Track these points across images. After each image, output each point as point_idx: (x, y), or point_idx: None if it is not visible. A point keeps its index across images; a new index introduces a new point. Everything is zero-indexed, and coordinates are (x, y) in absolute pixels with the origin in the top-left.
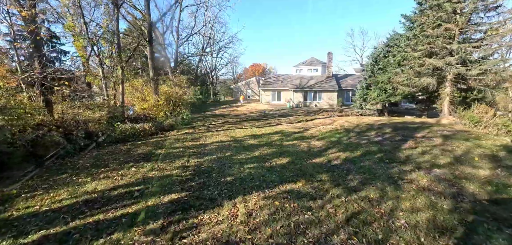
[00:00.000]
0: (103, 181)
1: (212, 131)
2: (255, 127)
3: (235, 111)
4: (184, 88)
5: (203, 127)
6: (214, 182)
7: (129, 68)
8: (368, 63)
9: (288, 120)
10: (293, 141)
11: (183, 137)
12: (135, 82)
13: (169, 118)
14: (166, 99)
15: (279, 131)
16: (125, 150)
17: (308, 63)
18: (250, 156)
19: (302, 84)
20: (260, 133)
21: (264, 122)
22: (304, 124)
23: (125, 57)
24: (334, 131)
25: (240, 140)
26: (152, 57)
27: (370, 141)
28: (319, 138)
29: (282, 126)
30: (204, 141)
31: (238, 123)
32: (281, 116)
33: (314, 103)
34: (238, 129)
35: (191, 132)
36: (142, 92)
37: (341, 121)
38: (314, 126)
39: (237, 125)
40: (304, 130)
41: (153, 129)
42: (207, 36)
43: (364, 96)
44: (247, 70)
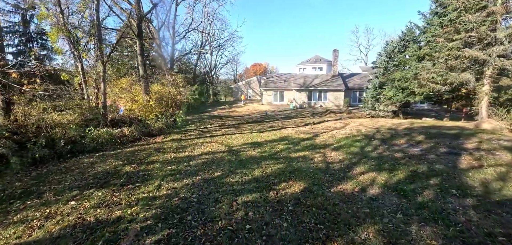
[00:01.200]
0: (10, 229)
1: (205, 136)
2: (255, 131)
3: (235, 112)
4: (180, 87)
5: (197, 131)
6: (185, 238)
7: (111, 64)
8: (380, 59)
9: (292, 122)
10: (304, 152)
11: (168, 146)
12: (123, 81)
13: (159, 120)
14: (158, 99)
15: (284, 137)
16: (84, 165)
17: (312, 61)
18: (247, 177)
19: (306, 84)
20: (262, 139)
21: (266, 125)
22: (312, 128)
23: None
24: (352, 137)
25: (236, 151)
26: (142, 53)
27: (406, 153)
28: (335, 148)
29: (287, 130)
30: (191, 152)
31: (236, 126)
32: (285, 118)
33: (319, 103)
34: (235, 134)
35: (179, 139)
36: (131, 92)
37: (354, 124)
38: (324, 130)
39: (235, 129)
40: (314, 136)
41: (135, 135)
42: (206, 32)
43: (377, 96)
44: (248, 69)
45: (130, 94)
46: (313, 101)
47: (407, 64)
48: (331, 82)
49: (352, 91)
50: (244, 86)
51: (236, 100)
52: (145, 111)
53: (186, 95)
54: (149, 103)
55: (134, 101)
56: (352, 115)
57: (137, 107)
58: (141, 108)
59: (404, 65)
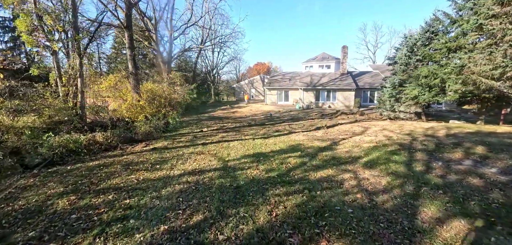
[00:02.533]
0: None
1: (197, 144)
2: (259, 137)
3: (236, 113)
4: (177, 85)
5: (189, 136)
6: None
7: (87, 58)
8: (400, 54)
9: (301, 125)
10: (327, 171)
11: (145, 158)
12: (110, 78)
13: (149, 123)
14: (150, 99)
15: (295, 145)
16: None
17: (319, 59)
18: (246, 228)
19: (313, 82)
20: (267, 149)
21: (271, 128)
22: (326, 132)
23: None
24: (383, 147)
25: (233, 168)
26: (131, 46)
27: (486, 178)
28: (367, 163)
29: (296, 135)
30: (171, 171)
31: (237, 130)
32: (291, 120)
33: (328, 103)
34: (234, 142)
35: (164, 147)
36: (120, 90)
37: (376, 128)
38: (342, 136)
39: (235, 134)
40: (333, 144)
41: (113, 141)
42: (207, 28)
43: (396, 95)
44: (251, 69)
45: (119, 93)
46: (321, 101)
47: (434, 58)
48: (340, 81)
49: (363, 91)
50: (246, 85)
51: (239, 100)
52: (134, 112)
53: (184, 94)
54: (139, 103)
55: (125, 101)
56: (366, 116)
57: (125, 107)
58: (129, 108)
59: (429, 59)
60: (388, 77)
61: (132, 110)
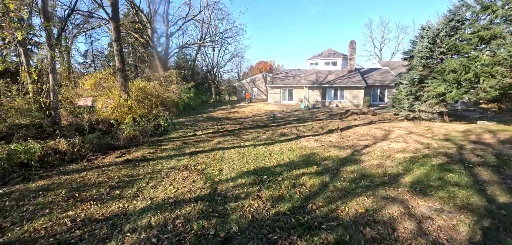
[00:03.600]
0: None
1: (183, 153)
2: (261, 142)
3: (237, 113)
4: (173, 84)
5: (179, 141)
6: None
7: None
8: (420, 46)
9: (310, 127)
10: (362, 200)
11: (106, 177)
12: (96, 76)
13: (135, 125)
14: (140, 98)
15: (307, 154)
16: None
17: (325, 56)
18: None
19: (319, 80)
20: (273, 162)
21: (275, 131)
22: (342, 136)
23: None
24: (423, 158)
25: (224, 197)
26: (118, 40)
27: None
28: (414, 187)
29: (306, 140)
30: (130, 203)
31: (235, 133)
32: (297, 121)
33: (335, 103)
34: (231, 150)
35: (141, 158)
36: (107, 89)
37: (399, 131)
38: (362, 141)
39: (233, 138)
40: (354, 153)
41: (82, 150)
42: (206, 22)
43: (416, 93)
44: (253, 68)
45: (106, 92)
46: (328, 100)
47: (462, 49)
48: (348, 78)
49: (372, 89)
50: (248, 84)
51: (240, 99)
52: (121, 113)
53: (180, 93)
54: (126, 103)
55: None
56: (380, 117)
57: (111, 107)
58: (115, 108)
59: (455, 51)
60: (404, 73)
61: (119, 111)
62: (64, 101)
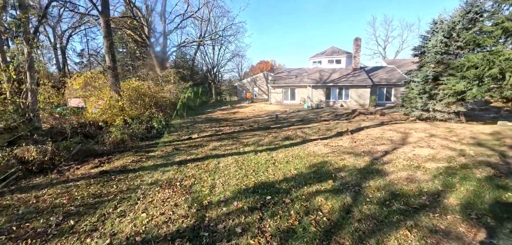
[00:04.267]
0: None
1: (172, 163)
2: (263, 147)
3: (237, 113)
4: (171, 83)
5: (170, 146)
6: None
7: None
8: (435, 41)
9: (316, 129)
10: (405, 235)
11: (66, 199)
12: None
13: (125, 128)
14: (133, 99)
15: (318, 163)
16: None
17: (328, 54)
18: None
19: (323, 79)
20: (278, 174)
21: (278, 133)
22: (353, 140)
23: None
24: (462, 169)
25: (212, 231)
26: (108, 35)
27: None
28: (469, 211)
29: (314, 144)
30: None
31: (234, 137)
32: (301, 122)
33: (340, 102)
34: (227, 157)
35: (120, 169)
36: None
37: (419, 133)
38: (378, 146)
39: (232, 143)
40: (374, 161)
41: (56, 158)
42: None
43: (430, 91)
44: (254, 67)
45: (97, 92)
46: (332, 99)
47: (483, 43)
48: (353, 77)
49: (378, 88)
50: (249, 83)
51: (241, 100)
52: (111, 114)
53: (177, 93)
54: (117, 104)
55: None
56: (389, 117)
57: (101, 108)
58: (105, 110)
59: (475, 45)
60: (414, 70)
61: (109, 112)
62: (43, 102)
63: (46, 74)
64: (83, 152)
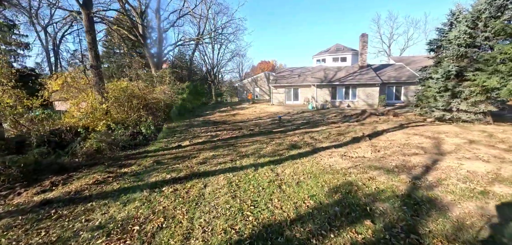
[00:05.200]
0: None
1: (143, 186)
2: (265, 158)
3: (237, 115)
4: (165, 83)
5: (152, 158)
6: None
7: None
8: (457, 32)
9: (326, 134)
10: None
11: None
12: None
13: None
14: (120, 100)
15: (341, 187)
16: None
17: (333, 51)
18: None
19: (328, 78)
20: (288, 208)
21: (283, 139)
22: (375, 148)
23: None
24: None
25: None
26: (90, 31)
27: None
28: None
29: (329, 155)
30: None
31: (231, 144)
32: (308, 124)
33: (346, 102)
34: (219, 176)
35: (74, 195)
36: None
37: (455, 139)
38: (411, 157)
39: (228, 152)
40: (415, 182)
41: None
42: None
43: (453, 88)
44: (255, 68)
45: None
46: (338, 99)
47: None
48: (361, 75)
49: (387, 86)
50: (250, 84)
51: (241, 100)
52: (93, 119)
53: (171, 94)
54: (102, 106)
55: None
56: (403, 117)
57: (82, 112)
58: (88, 113)
59: (506, 35)
60: (430, 66)
61: (91, 116)
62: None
63: (6, 73)
64: (45, 167)
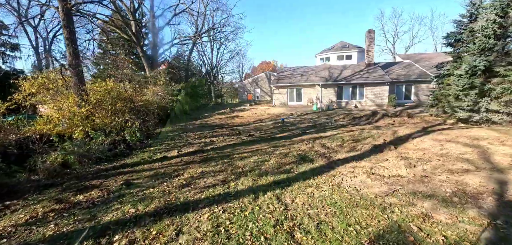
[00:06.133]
0: None
1: (85, 234)
2: (267, 177)
3: (237, 118)
4: (157, 85)
5: (125, 176)
6: None
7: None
8: (485, 22)
9: (339, 140)
10: None
11: None
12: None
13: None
14: (105, 103)
15: (386, 233)
16: None
17: (337, 49)
18: None
19: (333, 77)
20: None
21: (288, 147)
22: (409, 162)
23: None
24: None
25: None
26: (68, 24)
27: None
28: None
29: (350, 171)
30: None
31: (226, 155)
32: (315, 128)
33: (354, 102)
34: (202, 212)
35: None
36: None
37: (508, 148)
38: (466, 177)
39: (220, 168)
40: (495, 223)
41: None
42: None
43: (481, 86)
44: (256, 68)
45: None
46: (344, 99)
47: None
48: (368, 73)
49: (396, 85)
50: (250, 84)
51: (241, 102)
52: (69, 124)
53: (165, 96)
54: (81, 111)
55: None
56: (420, 119)
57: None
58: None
59: None
60: (447, 62)
61: (68, 122)
62: None
63: None
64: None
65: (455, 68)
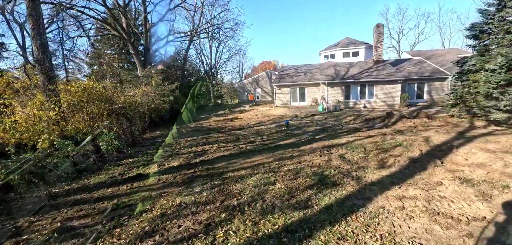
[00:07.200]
0: None
1: None
2: (274, 215)
3: (236, 120)
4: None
5: (71, 211)
6: None
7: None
8: None
9: (360, 150)
10: None
11: None
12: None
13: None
14: (81, 105)
15: None
16: None
17: (343, 45)
18: None
19: (339, 75)
20: None
21: (297, 159)
22: (477, 188)
23: None
24: None
25: None
26: (33, 14)
27: None
28: None
29: (400, 208)
30: None
31: (219, 172)
32: (325, 133)
33: (362, 102)
34: None
35: None
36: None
37: None
38: None
39: (207, 197)
40: None
41: None
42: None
43: None
44: (256, 68)
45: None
46: (352, 99)
47: None
48: (377, 71)
49: (408, 84)
50: (251, 84)
51: (241, 102)
52: (33, 131)
53: (155, 96)
54: (49, 114)
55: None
56: (442, 120)
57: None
58: (27, 123)
59: None
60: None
61: (31, 128)
62: None
63: None
64: None
65: (484, 62)
